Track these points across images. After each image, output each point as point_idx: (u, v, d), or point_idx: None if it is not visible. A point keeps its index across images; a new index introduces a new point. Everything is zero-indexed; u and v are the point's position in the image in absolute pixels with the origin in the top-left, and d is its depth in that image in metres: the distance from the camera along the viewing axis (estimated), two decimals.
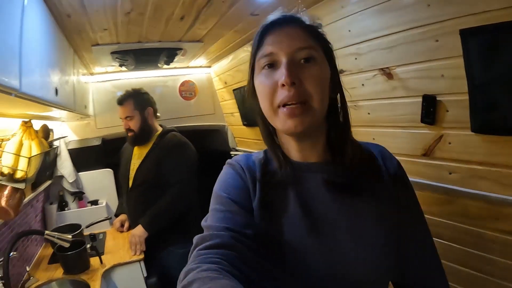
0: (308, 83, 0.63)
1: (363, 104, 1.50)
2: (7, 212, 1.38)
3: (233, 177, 0.73)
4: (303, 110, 0.63)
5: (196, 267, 0.52)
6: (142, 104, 2.10)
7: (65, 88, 1.56)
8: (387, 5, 1.23)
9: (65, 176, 2.44)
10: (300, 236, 0.67)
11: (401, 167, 0.76)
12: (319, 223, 0.67)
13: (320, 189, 0.69)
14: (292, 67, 0.63)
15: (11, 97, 0.92)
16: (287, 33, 0.66)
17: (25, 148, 1.48)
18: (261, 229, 0.67)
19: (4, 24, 0.84)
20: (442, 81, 1.13)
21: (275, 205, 0.70)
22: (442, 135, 1.20)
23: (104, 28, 1.61)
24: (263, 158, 0.76)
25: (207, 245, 0.58)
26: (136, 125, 2.07)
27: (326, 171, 0.70)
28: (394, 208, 0.70)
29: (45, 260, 1.99)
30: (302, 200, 0.69)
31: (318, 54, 0.66)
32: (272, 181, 0.71)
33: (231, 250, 0.57)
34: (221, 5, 1.49)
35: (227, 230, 0.61)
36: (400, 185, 0.73)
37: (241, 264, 0.56)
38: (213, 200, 0.71)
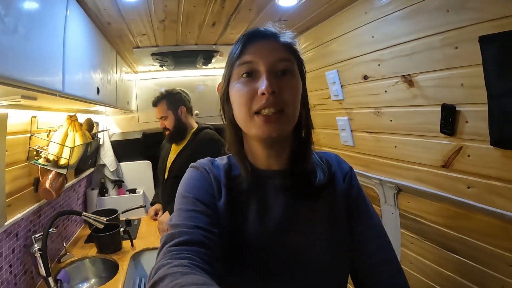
0: (286, 93, 0.67)
1: (385, 111, 1.49)
2: (50, 193, 1.57)
3: (198, 179, 0.75)
4: (279, 117, 0.66)
5: (167, 263, 0.53)
6: (174, 104, 2.17)
7: (107, 87, 1.73)
8: (407, 11, 1.22)
9: (107, 165, 2.67)
10: (259, 237, 0.71)
11: (353, 172, 0.82)
12: (277, 225, 0.72)
13: (279, 195, 0.74)
14: (271, 77, 0.67)
15: (56, 97, 1.07)
16: (267, 45, 0.70)
17: (69, 139, 1.67)
18: (225, 230, 0.69)
19: (48, 34, 0.98)
20: (461, 90, 1.10)
21: (238, 208, 0.73)
22: (461, 147, 1.16)
23: (143, 33, 1.76)
24: (226, 164, 0.79)
25: (176, 242, 0.59)
26: (170, 124, 2.15)
27: (286, 179, 0.74)
28: (347, 213, 0.76)
29: (82, 240, 2.21)
30: (262, 205, 0.73)
31: (294, 68, 0.71)
32: (236, 187, 0.74)
33: (200, 247, 0.59)
34: (248, 12, 1.57)
35: (196, 228, 0.62)
36: (352, 189, 0.79)
37: (211, 260, 0.58)
38: (179, 200, 0.72)
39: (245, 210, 0.73)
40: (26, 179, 1.53)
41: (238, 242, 0.70)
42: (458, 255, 1.28)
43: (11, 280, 1.40)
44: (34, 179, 1.58)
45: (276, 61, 0.68)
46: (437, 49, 1.14)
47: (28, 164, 1.51)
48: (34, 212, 1.61)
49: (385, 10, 1.32)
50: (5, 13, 0.72)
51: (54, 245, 1.88)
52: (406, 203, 1.53)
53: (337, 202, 0.76)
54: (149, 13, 1.46)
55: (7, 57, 0.74)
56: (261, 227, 0.71)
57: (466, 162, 1.16)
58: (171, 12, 1.49)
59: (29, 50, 0.85)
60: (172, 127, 2.16)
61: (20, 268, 1.48)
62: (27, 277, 1.54)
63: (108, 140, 2.71)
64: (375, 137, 1.62)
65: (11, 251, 1.42)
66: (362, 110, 1.67)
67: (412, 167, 1.42)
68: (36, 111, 1.50)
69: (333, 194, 0.76)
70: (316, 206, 0.74)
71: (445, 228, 1.32)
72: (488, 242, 1.16)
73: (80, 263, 1.93)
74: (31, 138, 1.50)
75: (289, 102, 0.67)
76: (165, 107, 2.15)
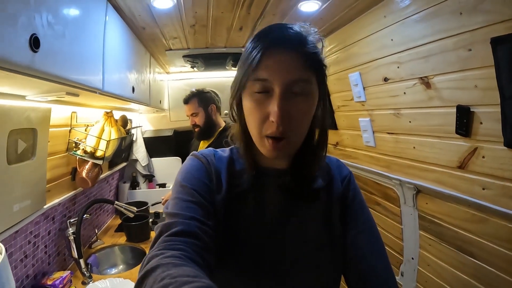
0: (296, 119, 0.64)
1: (404, 112, 1.51)
2: (86, 181, 1.72)
3: (198, 169, 0.74)
4: (285, 144, 0.65)
5: (160, 253, 0.53)
6: (205, 102, 2.22)
7: (141, 87, 1.87)
8: (423, 14, 1.24)
9: (139, 160, 2.83)
10: (253, 234, 0.71)
11: (352, 176, 0.82)
12: (271, 224, 0.72)
13: (277, 193, 0.74)
14: (283, 103, 0.62)
15: (96, 94, 1.19)
16: (285, 61, 0.63)
17: (105, 133, 1.81)
18: (221, 223, 0.69)
19: (90, 38, 1.10)
20: (475, 91, 1.11)
21: (236, 204, 0.73)
22: (476, 148, 1.17)
23: (174, 36, 1.87)
24: (229, 157, 0.78)
25: (172, 232, 0.59)
26: (201, 120, 2.20)
27: (286, 178, 0.74)
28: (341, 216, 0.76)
29: (112, 228, 2.36)
30: (259, 202, 0.73)
31: (311, 86, 0.65)
32: (237, 183, 0.73)
33: (194, 239, 0.59)
34: (272, 17, 1.63)
35: (192, 219, 0.62)
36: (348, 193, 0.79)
37: (203, 252, 0.58)
38: (177, 188, 0.71)
39: (242, 206, 0.73)
40: (64, 168, 1.68)
41: (231, 236, 0.70)
42: (475, 259, 1.27)
43: (45, 260, 1.54)
44: (72, 169, 1.73)
45: (292, 83, 0.63)
46: (452, 51, 1.16)
47: (67, 155, 1.66)
48: (70, 199, 1.76)
49: (402, 13, 1.34)
50: (55, 21, 0.83)
51: (86, 231, 2.02)
52: (424, 204, 1.54)
53: (332, 205, 0.76)
54: (180, 18, 1.57)
55: (57, 59, 0.85)
56: (255, 224, 0.72)
57: (481, 164, 1.16)
58: (201, 18, 1.58)
59: (74, 53, 0.96)
60: (203, 124, 2.21)
61: (54, 250, 1.62)
62: (60, 258, 1.68)
63: (140, 137, 2.87)
64: (395, 138, 1.64)
65: (47, 233, 1.56)
66: (382, 112, 1.69)
67: (430, 168, 1.43)
68: (76, 107, 1.65)
69: (330, 197, 0.76)
70: (311, 207, 0.75)
71: (462, 230, 1.32)
72: (503, 246, 1.15)
73: (110, 249, 2.06)
74: (71, 131, 1.64)
75: (298, 127, 0.66)
76: (196, 104, 2.21)
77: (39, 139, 1.31)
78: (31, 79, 0.79)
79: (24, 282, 1.36)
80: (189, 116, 2.25)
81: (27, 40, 0.72)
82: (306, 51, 0.64)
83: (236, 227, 0.71)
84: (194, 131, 2.29)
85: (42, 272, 1.50)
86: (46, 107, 1.33)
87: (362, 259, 0.71)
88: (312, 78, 0.65)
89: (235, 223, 0.72)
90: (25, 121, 1.21)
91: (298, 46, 0.64)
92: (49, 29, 0.81)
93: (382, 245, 0.75)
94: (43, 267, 1.51)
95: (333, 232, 0.74)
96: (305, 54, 0.64)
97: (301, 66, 0.63)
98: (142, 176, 2.91)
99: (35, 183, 1.35)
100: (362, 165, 2.03)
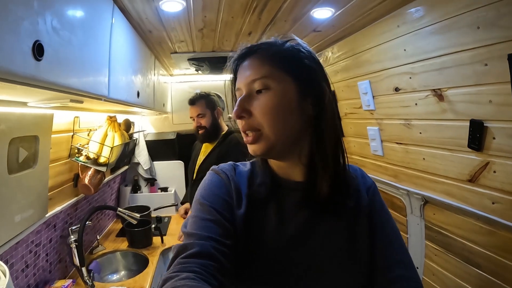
0: (258, 114, 0.67)
1: (415, 123, 1.50)
2: (88, 188, 1.68)
3: (217, 186, 0.74)
4: (255, 138, 0.68)
5: (175, 275, 0.54)
6: (212, 104, 2.20)
7: (146, 91, 1.83)
8: (438, 26, 1.23)
9: (141, 163, 2.79)
10: (278, 249, 0.69)
11: (376, 187, 0.81)
12: (294, 239, 0.70)
13: (298, 207, 0.72)
14: (243, 100, 0.68)
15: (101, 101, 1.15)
16: (246, 66, 0.70)
17: (108, 139, 1.77)
18: (241, 240, 0.68)
19: (96, 42, 1.05)
20: (490, 107, 1.11)
21: (257, 219, 0.71)
22: (488, 163, 1.17)
23: (181, 40, 1.83)
24: (249, 171, 0.78)
25: (187, 254, 0.60)
26: (208, 122, 2.17)
27: (305, 190, 0.71)
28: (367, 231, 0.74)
29: (113, 233, 2.32)
30: (280, 216, 0.71)
31: (273, 81, 0.67)
32: (256, 196, 0.73)
33: (210, 260, 0.59)
34: (283, 23, 1.60)
35: (209, 239, 0.62)
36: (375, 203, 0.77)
37: (218, 274, 0.58)
38: (196, 206, 0.71)
39: (263, 221, 0.72)
40: (67, 175, 1.64)
41: (252, 253, 0.69)
42: (481, 270, 1.28)
43: (47, 268, 1.51)
44: (74, 175, 1.70)
45: (251, 83, 0.68)
46: (467, 65, 1.15)
47: (69, 161, 1.62)
48: (71, 206, 1.72)
49: (417, 24, 1.33)
50: (60, 27, 0.78)
51: (87, 237, 1.98)
52: (432, 214, 1.54)
53: (359, 218, 0.74)
54: (188, 22, 1.53)
55: (63, 66, 0.80)
56: (277, 240, 0.70)
57: (492, 178, 1.17)
58: (210, 22, 1.55)
59: (80, 59, 0.91)
60: (209, 125, 2.18)
61: (56, 257, 1.59)
62: (61, 265, 1.64)
63: (143, 140, 2.83)
64: (404, 148, 1.63)
65: (49, 241, 1.52)
66: (392, 121, 1.68)
67: (439, 179, 1.43)
68: (79, 111, 1.60)
69: (356, 209, 0.74)
70: (336, 221, 0.72)
71: (469, 242, 1.33)
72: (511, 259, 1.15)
73: (112, 255, 2.02)
74: (73, 137, 1.60)
75: (263, 122, 0.67)
76: (203, 106, 2.18)
77: (41, 146, 1.27)
78: (34, 89, 0.74)
79: None
80: (195, 117, 2.20)
81: (30, 48, 0.66)
82: (263, 51, 0.69)
83: (257, 243, 0.70)
84: (197, 133, 2.23)
85: (43, 281, 1.47)
86: (49, 113, 1.29)
87: (391, 269, 0.70)
88: (272, 73, 0.67)
89: (256, 238, 0.70)
90: (27, 128, 1.17)
91: (255, 50, 0.70)
92: (54, 35, 0.76)
93: (409, 255, 0.74)
94: (44, 275, 1.48)
95: (359, 244, 0.72)
96: (262, 54, 0.69)
97: (257, 66, 0.68)
98: (144, 179, 2.86)
99: (37, 192, 1.31)
100: (369, 173, 1.98)
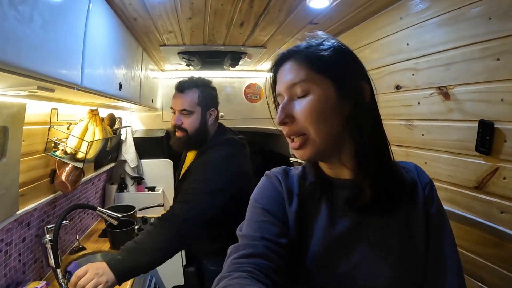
0: (302, 119, 0.67)
1: (418, 124, 1.41)
2: (65, 185, 1.58)
3: (269, 189, 0.77)
4: (302, 142, 0.68)
5: (229, 275, 0.56)
6: (208, 101, 1.58)
7: (131, 83, 1.72)
8: (445, 17, 1.15)
9: (128, 161, 2.69)
10: (328, 248, 0.69)
11: (433, 184, 0.76)
12: (346, 237, 0.69)
13: (350, 205, 0.71)
14: (286, 106, 0.68)
15: (74, 90, 1.05)
16: (284, 71, 0.70)
17: (89, 133, 1.67)
18: (294, 239, 0.70)
19: (67, 25, 0.96)
20: (501, 106, 1.02)
21: (308, 218, 0.73)
22: (497, 168, 1.08)
23: (169, 30, 1.74)
24: (300, 173, 0.80)
25: (240, 254, 0.62)
26: (193, 124, 1.54)
27: (357, 188, 0.69)
28: (424, 227, 0.70)
29: (96, 233, 2.22)
30: (331, 214, 0.71)
31: (313, 85, 0.67)
32: (307, 195, 0.74)
33: (262, 259, 0.61)
34: (277, 13, 1.51)
35: (262, 239, 0.65)
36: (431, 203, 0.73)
37: (271, 272, 0.59)
38: (250, 210, 0.75)
39: (314, 219, 0.73)
40: (42, 170, 1.54)
41: (303, 251, 0.71)
42: (485, 284, 1.19)
43: (20, 268, 1.42)
44: (50, 171, 1.59)
45: (290, 87, 0.69)
46: (477, 60, 1.06)
47: (45, 155, 1.52)
48: (49, 203, 1.63)
49: (422, 16, 1.24)
50: (19, 0, 0.70)
51: (67, 236, 1.90)
52: None
53: (416, 215, 0.71)
54: (175, 9, 1.43)
55: (20, 46, 0.72)
56: (327, 238, 0.70)
57: (502, 185, 1.08)
58: (198, 10, 1.45)
59: (46, 41, 0.83)
60: (193, 130, 1.54)
61: (30, 257, 1.50)
62: (36, 266, 1.56)
63: (130, 136, 2.73)
64: (405, 151, 1.54)
65: (22, 240, 1.43)
66: (392, 122, 1.58)
67: (442, 186, 1.33)
68: (57, 103, 1.50)
69: (412, 205, 0.71)
70: (390, 218, 0.70)
71: (473, 254, 1.23)
72: None
73: (92, 256, 1.93)
74: (50, 130, 1.50)
75: (308, 126, 0.67)
76: (195, 99, 1.54)
77: (11, 138, 1.17)
78: None
79: None
80: (177, 111, 1.56)
81: None
82: (299, 55, 0.69)
83: (306, 244, 0.71)
84: (173, 133, 1.60)
85: (15, 282, 1.38)
86: (20, 102, 1.19)
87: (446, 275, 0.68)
88: (311, 76, 0.67)
89: (307, 236, 0.72)
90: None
91: (292, 55, 0.70)
92: (11, 10, 0.67)
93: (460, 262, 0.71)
94: (17, 276, 1.39)
95: (415, 244, 0.69)
96: (298, 58, 0.69)
97: (295, 71, 0.68)
98: (130, 178, 2.77)
99: (5, 187, 1.20)
100: None
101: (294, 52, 0.70)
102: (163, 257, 1.31)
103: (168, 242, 1.31)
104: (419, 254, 0.69)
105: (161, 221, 1.36)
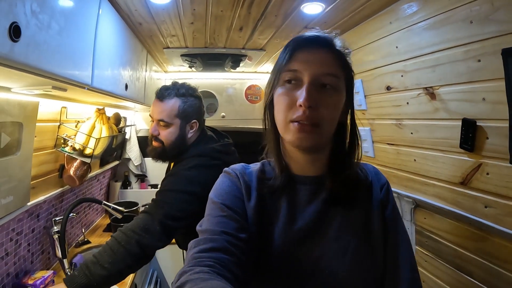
0: (324, 109, 0.66)
1: (407, 123, 1.47)
2: (73, 180, 1.66)
3: (228, 185, 0.76)
4: (312, 129, 0.66)
5: (190, 269, 0.55)
6: (189, 114, 1.46)
7: (136, 84, 1.81)
8: (431, 21, 1.20)
9: (132, 159, 2.78)
10: (289, 243, 0.70)
11: (389, 185, 0.80)
12: (307, 232, 0.71)
13: (311, 201, 0.73)
14: (312, 90, 0.65)
15: (85, 90, 1.14)
16: (317, 55, 0.68)
17: (96, 131, 1.75)
18: (253, 234, 0.70)
19: (80, 31, 1.05)
20: (483, 105, 1.07)
21: (268, 212, 0.73)
22: (480, 164, 1.12)
23: (173, 34, 1.82)
24: (259, 169, 0.80)
25: (201, 248, 0.61)
26: (169, 137, 1.44)
27: (319, 185, 0.73)
28: (381, 226, 0.73)
29: (101, 228, 2.30)
30: (293, 210, 0.73)
31: (340, 83, 0.69)
32: (267, 190, 0.75)
33: (223, 253, 0.60)
34: (274, 18, 1.59)
35: (222, 234, 0.64)
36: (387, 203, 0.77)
37: (232, 266, 0.59)
38: (209, 206, 0.74)
39: (274, 214, 0.73)
40: (52, 165, 1.62)
41: (264, 247, 0.70)
42: (473, 278, 1.22)
43: (28, 258, 1.49)
44: (59, 166, 1.67)
45: (321, 75, 0.66)
46: (460, 61, 1.11)
47: (55, 151, 1.60)
48: (56, 197, 1.71)
49: (410, 20, 1.30)
50: (39, 10, 0.78)
51: (73, 230, 1.97)
52: (422, 219, 1.49)
53: (373, 213, 0.74)
54: (178, 15, 1.52)
55: (40, 50, 0.80)
56: (288, 234, 0.71)
57: (485, 181, 1.12)
58: (200, 15, 1.53)
59: (61, 45, 0.91)
60: (170, 143, 1.45)
61: (38, 248, 1.57)
62: (43, 256, 1.63)
63: (134, 135, 2.82)
64: (395, 149, 1.60)
65: (31, 231, 1.51)
66: (384, 122, 1.65)
67: (430, 182, 1.38)
68: (67, 102, 1.59)
69: (369, 204, 0.75)
70: (350, 215, 0.73)
71: (461, 248, 1.27)
72: (503, 267, 1.10)
73: (96, 250, 1.98)
74: (60, 127, 1.58)
75: (325, 118, 0.66)
76: (175, 110, 1.43)
77: (25, 133, 1.25)
78: (11, 70, 0.74)
79: (4, 280, 1.31)
80: (155, 120, 1.46)
81: (6, 29, 0.67)
82: (335, 50, 0.70)
83: (268, 237, 0.72)
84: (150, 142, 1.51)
85: (24, 270, 1.45)
86: (34, 100, 1.27)
87: (399, 271, 0.71)
88: (340, 75, 0.69)
89: (267, 232, 0.72)
90: (10, 114, 1.15)
91: (327, 45, 0.70)
92: (33, 18, 0.75)
93: (414, 257, 0.75)
94: (25, 265, 1.46)
95: (373, 242, 0.72)
96: (334, 52, 0.69)
97: (330, 62, 0.68)
98: (134, 175, 2.85)
99: (18, 179, 1.28)
100: None
101: (330, 44, 0.70)
102: (121, 270, 1.17)
103: (128, 255, 1.18)
104: (377, 251, 0.72)
105: (122, 233, 1.24)
